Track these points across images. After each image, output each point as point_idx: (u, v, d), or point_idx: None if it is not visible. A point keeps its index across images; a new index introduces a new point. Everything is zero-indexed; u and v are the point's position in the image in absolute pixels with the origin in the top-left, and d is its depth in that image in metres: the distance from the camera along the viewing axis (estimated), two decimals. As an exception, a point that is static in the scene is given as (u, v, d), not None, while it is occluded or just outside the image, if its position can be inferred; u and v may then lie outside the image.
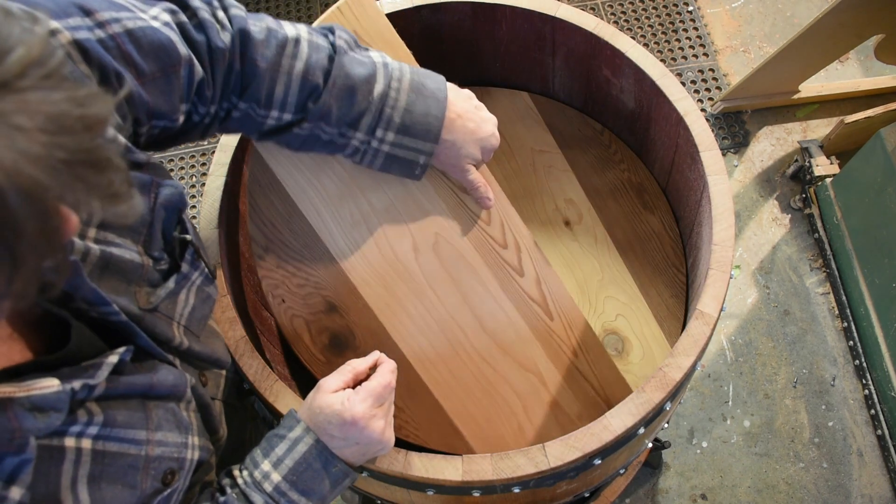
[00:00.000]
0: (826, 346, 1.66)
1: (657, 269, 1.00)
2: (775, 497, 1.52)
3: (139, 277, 0.59)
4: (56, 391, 0.47)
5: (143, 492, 0.55)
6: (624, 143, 1.10)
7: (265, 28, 0.72)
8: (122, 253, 0.56)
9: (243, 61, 0.70)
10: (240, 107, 0.73)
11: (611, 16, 2.11)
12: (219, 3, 0.71)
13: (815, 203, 1.75)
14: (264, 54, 0.71)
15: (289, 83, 0.72)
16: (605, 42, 0.97)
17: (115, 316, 0.55)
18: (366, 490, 0.90)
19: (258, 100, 0.72)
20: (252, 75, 0.71)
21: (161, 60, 0.61)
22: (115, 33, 0.57)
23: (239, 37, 0.69)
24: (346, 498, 1.40)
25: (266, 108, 0.73)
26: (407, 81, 0.76)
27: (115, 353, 0.53)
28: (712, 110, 1.94)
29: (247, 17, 0.71)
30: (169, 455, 0.57)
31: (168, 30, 0.63)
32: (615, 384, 0.87)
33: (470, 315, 0.87)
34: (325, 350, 0.88)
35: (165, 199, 0.61)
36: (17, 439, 0.45)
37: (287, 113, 0.74)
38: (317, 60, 0.73)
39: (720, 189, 0.85)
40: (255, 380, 0.78)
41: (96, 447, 0.51)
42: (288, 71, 0.72)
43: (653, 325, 0.96)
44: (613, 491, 1.33)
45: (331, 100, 0.73)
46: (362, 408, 0.68)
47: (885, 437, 1.53)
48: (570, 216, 1.05)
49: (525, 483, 0.74)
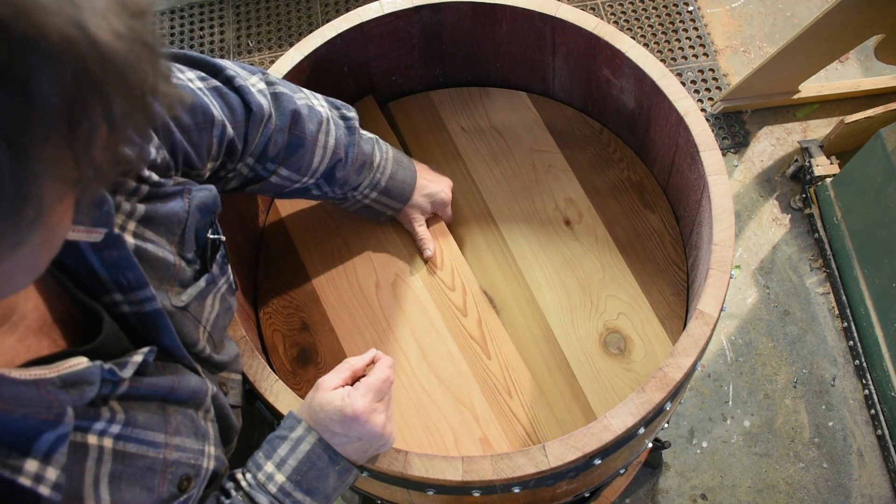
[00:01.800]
0: (826, 346, 1.66)
1: (658, 267, 1.00)
2: (775, 497, 1.52)
3: (171, 276, 0.59)
4: (86, 366, 0.48)
5: (160, 496, 0.54)
6: (624, 142, 1.10)
7: (307, 105, 0.82)
8: (156, 250, 0.57)
9: (291, 135, 0.81)
10: (280, 173, 0.82)
11: (611, 16, 2.11)
12: (262, 75, 0.79)
13: (815, 203, 1.75)
14: (309, 129, 0.82)
15: (323, 155, 0.84)
16: (605, 42, 0.97)
17: (151, 303, 0.55)
18: (366, 490, 0.91)
19: (298, 168, 0.83)
20: (298, 146, 0.82)
21: (196, 117, 0.67)
22: None
23: (290, 111, 0.79)
24: (347, 498, 1.39)
25: (301, 175, 0.85)
26: (391, 154, 0.94)
27: (140, 352, 0.54)
28: (712, 110, 1.94)
29: (292, 94, 0.81)
30: (186, 461, 0.57)
31: (201, 93, 0.69)
32: (548, 427, 0.90)
33: (415, 346, 0.96)
34: (293, 361, 0.98)
35: (200, 202, 0.63)
36: (55, 408, 0.45)
37: (312, 179, 0.86)
38: (340, 136, 0.86)
39: (720, 189, 0.85)
40: (255, 380, 0.78)
41: (117, 447, 0.51)
42: (324, 145, 0.84)
43: (654, 323, 0.96)
44: (613, 491, 1.33)
45: (350, 171, 0.88)
46: (363, 402, 0.69)
47: (885, 437, 1.53)
48: (571, 215, 1.05)
49: (525, 483, 0.74)
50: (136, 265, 0.53)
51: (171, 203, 0.60)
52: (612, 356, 0.94)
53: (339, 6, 2.18)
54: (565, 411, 0.91)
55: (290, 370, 0.97)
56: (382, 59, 1.09)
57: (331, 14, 2.16)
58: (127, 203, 0.55)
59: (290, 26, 2.16)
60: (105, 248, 0.51)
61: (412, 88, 1.17)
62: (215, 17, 2.21)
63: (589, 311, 0.98)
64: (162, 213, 0.58)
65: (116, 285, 0.53)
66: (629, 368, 0.93)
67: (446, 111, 1.15)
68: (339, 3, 2.19)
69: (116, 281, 0.53)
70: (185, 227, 0.61)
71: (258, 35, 2.16)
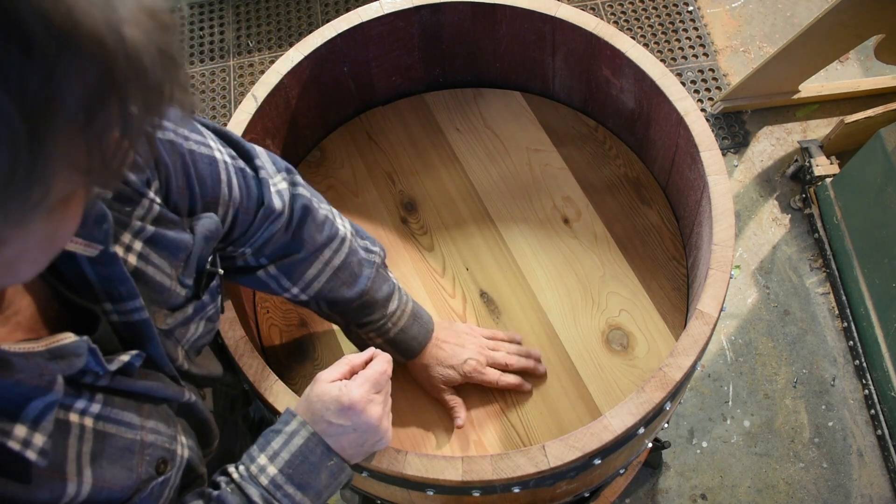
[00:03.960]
0: (826, 346, 1.66)
1: (658, 263, 1.00)
2: (775, 497, 1.52)
3: (162, 300, 0.61)
4: (73, 340, 0.50)
5: (139, 476, 0.56)
6: (622, 141, 1.10)
7: (325, 215, 0.78)
8: (154, 273, 0.59)
9: (294, 234, 0.76)
10: (270, 270, 0.78)
11: (611, 16, 2.11)
12: (288, 174, 0.76)
13: (815, 203, 1.75)
14: (315, 238, 0.77)
15: (321, 271, 0.78)
16: (605, 42, 0.97)
17: (139, 314, 0.57)
18: (366, 490, 0.91)
19: (290, 273, 0.78)
20: (296, 250, 0.76)
21: (204, 187, 0.65)
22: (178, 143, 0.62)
23: (301, 211, 0.75)
24: (346, 498, 1.39)
25: (291, 283, 0.79)
26: (410, 307, 0.86)
27: (128, 353, 0.56)
28: (712, 110, 1.94)
29: (311, 197, 0.77)
30: (161, 444, 0.59)
31: (223, 167, 0.67)
32: (546, 430, 0.91)
33: None
34: (289, 357, 0.97)
35: (206, 230, 0.64)
36: (46, 375, 0.47)
37: (304, 294, 0.80)
38: (351, 262, 0.80)
39: (720, 189, 0.85)
40: (255, 380, 0.78)
41: (97, 427, 0.53)
42: (326, 260, 0.78)
43: (656, 318, 0.96)
44: (613, 491, 1.33)
45: (352, 305, 0.81)
46: (360, 392, 0.70)
47: (885, 437, 1.53)
48: (569, 214, 1.05)
49: (525, 483, 0.74)
50: (128, 279, 0.55)
51: (177, 229, 0.61)
52: (615, 353, 0.95)
53: (339, 6, 2.18)
54: (570, 410, 0.91)
55: (287, 365, 0.97)
56: (382, 59, 1.09)
57: (331, 14, 2.16)
58: (138, 221, 0.57)
59: (289, 26, 2.16)
60: (100, 263, 0.53)
61: (412, 89, 1.17)
62: (215, 17, 2.21)
63: (590, 309, 0.98)
64: (169, 238, 0.60)
65: (108, 295, 0.55)
66: (632, 365, 0.93)
67: (441, 113, 1.15)
68: (339, 3, 2.19)
69: (108, 291, 0.55)
70: (190, 255, 0.63)
71: (258, 35, 2.16)
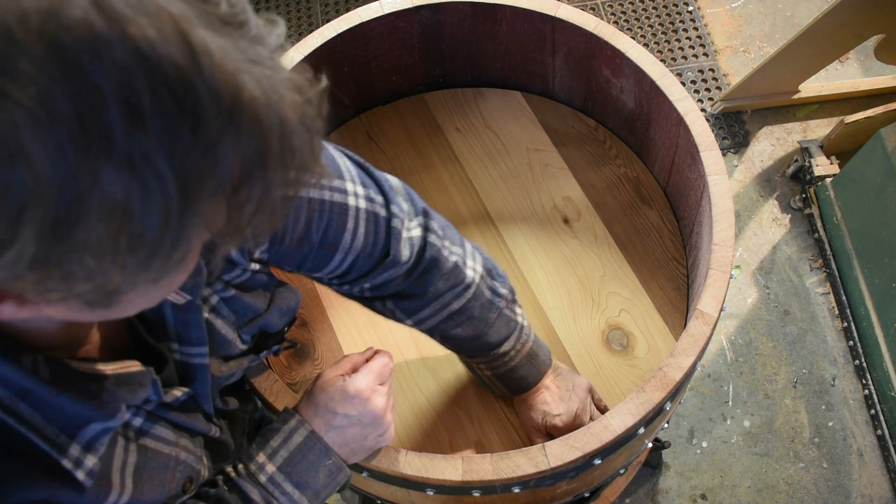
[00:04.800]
0: (826, 346, 1.66)
1: (657, 263, 1.00)
2: (775, 497, 1.52)
3: (222, 350, 0.63)
4: (140, 370, 0.52)
5: (169, 492, 0.58)
6: (622, 141, 1.10)
7: (454, 262, 0.75)
8: (221, 327, 0.62)
9: (417, 280, 0.74)
10: (386, 304, 0.76)
11: (611, 16, 2.11)
12: (424, 218, 0.73)
13: (815, 203, 1.75)
14: (438, 286, 0.75)
15: (437, 312, 0.76)
16: (605, 42, 0.97)
17: (201, 359, 0.59)
18: (366, 490, 0.91)
19: (405, 310, 0.77)
20: (416, 294, 0.75)
21: (325, 236, 0.65)
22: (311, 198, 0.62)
23: (428, 262, 0.73)
24: (346, 498, 1.39)
25: (405, 316, 0.77)
26: (528, 348, 0.83)
27: (182, 389, 0.58)
28: (712, 110, 1.94)
29: (442, 245, 0.74)
30: (191, 462, 0.60)
31: (353, 214, 0.66)
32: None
33: (414, 348, 0.97)
34: (289, 357, 0.98)
35: (283, 303, 0.67)
36: (112, 403, 0.49)
37: (418, 328, 0.79)
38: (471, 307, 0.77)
39: (720, 189, 0.85)
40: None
41: (140, 441, 0.55)
42: (446, 304, 0.76)
43: (656, 318, 0.96)
44: (613, 491, 1.33)
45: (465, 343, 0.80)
46: (365, 381, 0.71)
47: (885, 437, 1.53)
48: (569, 214, 1.05)
49: (525, 483, 0.74)
50: (203, 329, 0.58)
51: (255, 293, 0.64)
52: (615, 353, 0.95)
53: (339, 6, 2.18)
54: (566, 411, 0.91)
55: (286, 365, 0.97)
56: (382, 60, 1.09)
57: (331, 14, 2.16)
58: (221, 283, 0.60)
59: (289, 26, 2.16)
60: (182, 309, 0.56)
61: (412, 89, 1.17)
62: (215, 18, 2.21)
63: (590, 309, 0.98)
64: (244, 303, 0.63)
65: (178, 337, 0.58)
66: (633, 364, 0.94)
67: (441, 113, 1.15)
68: (339, 3, 2.19)
69: (179, 334, 0.57)
70: (257, 318, 0.65)
71: (258, 35, 2.16)
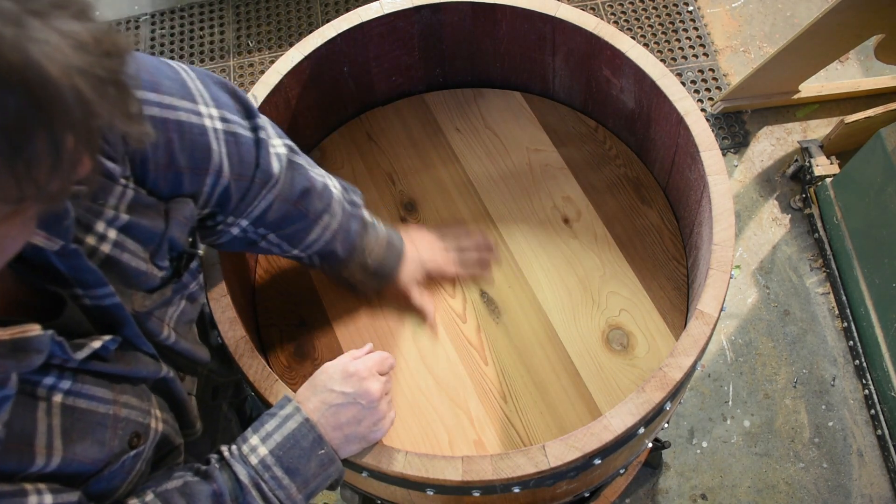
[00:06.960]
0: (826, 346, 1.66)
1: (658, 263, 1.00)
2: (775, 497, 1.52)
3: (139, 283, 0.61)
4: (38, 334, 0.50)
5: (111, 449, 0.57)
6: (622, 141, 1.10)
7: (322, 183, 0.79)
8: (129, 260, 0.59)
9: (295, 208, 0.77)
10: (270, 239, 0.79)
11: (611, 16, 2.11)
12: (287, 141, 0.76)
13: (815, 203, 1.75)
14: (315, 206, 0.78)
15: (321, 235, 0.81)
16: (605, 42, 0.97)
17: (110, 299, 0.57)
18: (366, 490, 0.91)
19: (291, 240, 0.80)
20: (297, 220, 0.78)
21: (193, 160, 0.64)
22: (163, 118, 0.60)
23: (301, 189, 0.76)
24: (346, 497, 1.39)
25: (292, 247, 0.81)
26: (383, 238, 0.89)
27: (101, 338, 0.56)
28: (712, 110, 1.94)
29: (309, 169, 0.77)
30: (134, 418, 0.60)
31: (213, 134, 0.65)
32: (546, 430, 0.91)
33: (414, 348, 0.97)
34: (289, 356, 0.98)
35: (180, 215, 0.64)
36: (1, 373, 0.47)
37: (304, 252, 0.82)
38: (343, 221, 0.82)
39: (720, 189, 0.85)
40: (255, 380, 0.78)
41: (67, 402, 0.54)
42: (325, 225, 0.80)
43: (656, 318, 0.96)
44: (613, 491, 1.33)
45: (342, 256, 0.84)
46: (365, 364, 0.74)
47: (885, 437, 1.53)
48: (569, 214, 1.05)
49: (525, 483, 0.74)
50: (94, 270, 0.55)
51: (152, 214, 0.61)
52: (615, 353, 0.95)
53: (339, 6, 2.18)
54: (570, 410, 0.91)
55: (287, 365, 0.97)
56: (382, 59, 1.09)
57: (331, 14, 2.16)
58: (111, 210, 0.57)
59: (290, 26, 2.16)
60: (64, 255, 0.53)
61: (412, 89, 1.17)
62: (215, 17, 2.21)
63: (591, 309, 0.98)
64: (143, 227, 0.60)
65: (77, 282, 0.56)
66: (633, 364, 0.94)
67: (441, 113, 1.15)
68: (339, 3, 2.19)
69: (77, 279, 0.55)
70: (162, 239, 0.63)
71: (258, 35, 2.16)
